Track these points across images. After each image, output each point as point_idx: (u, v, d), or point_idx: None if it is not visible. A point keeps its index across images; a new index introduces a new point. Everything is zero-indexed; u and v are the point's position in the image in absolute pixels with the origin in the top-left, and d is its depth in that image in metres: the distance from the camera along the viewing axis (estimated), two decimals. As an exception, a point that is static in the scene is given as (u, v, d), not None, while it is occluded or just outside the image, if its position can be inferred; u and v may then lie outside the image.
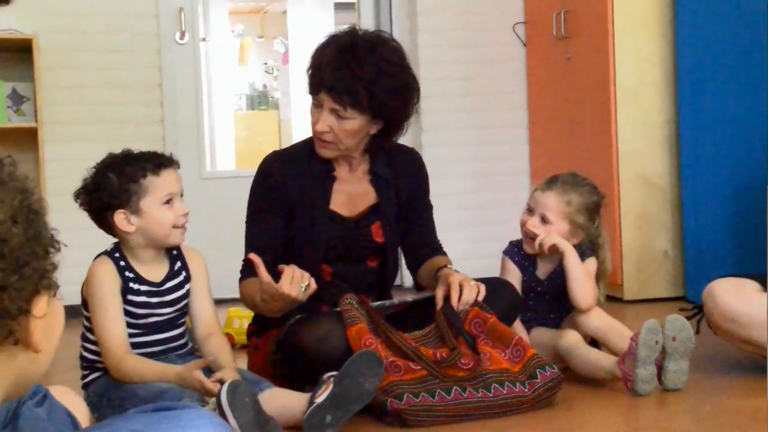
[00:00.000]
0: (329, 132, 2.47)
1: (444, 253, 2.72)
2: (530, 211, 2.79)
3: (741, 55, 3.90)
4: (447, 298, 2.46)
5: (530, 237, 2.76)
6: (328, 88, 2.41)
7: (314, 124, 2.49)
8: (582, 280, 2.69)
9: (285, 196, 2.52)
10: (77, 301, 2.36)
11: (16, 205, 0.88)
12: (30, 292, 0.89)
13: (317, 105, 2.47)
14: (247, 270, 2.47)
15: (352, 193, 2.59)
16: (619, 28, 4.13)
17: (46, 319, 0.92)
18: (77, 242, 4.45)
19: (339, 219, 2.56)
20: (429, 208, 2.75)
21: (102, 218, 2.29)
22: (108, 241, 2.38)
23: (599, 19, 4.19)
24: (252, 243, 2.52)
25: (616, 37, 4.13)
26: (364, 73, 2.39)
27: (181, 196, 2.33)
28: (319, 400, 2.07)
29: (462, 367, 2.32)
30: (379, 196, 2.60)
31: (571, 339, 2.65)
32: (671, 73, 4.16)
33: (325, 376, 2.14)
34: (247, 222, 2.59)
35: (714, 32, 3.95)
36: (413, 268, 2.73)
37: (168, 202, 2.28)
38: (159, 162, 2.29)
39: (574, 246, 2.77)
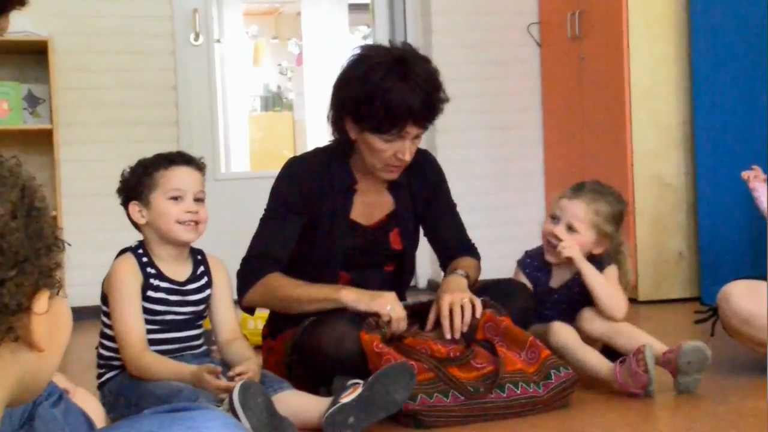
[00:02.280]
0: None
1: (471, 251, 2.71)
2: (555, 218, 2.72)
3: (756, 55, 3.88)
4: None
5: (553, 245, 2.69)
6: (416, 120, 2.41)
7: (401, 154, 2.45)
8: (609, 291, 2.63)
9: (309, 201, 2.53)
10: (95, 302, 2.38)
11: (15, 201, 0.88)
12: (30, 289, 0.89)
13: (401, 137, 2.43)
14: (265, 268, 2.50)
15: (370, 202, 2.60)
16: (634, 28, 4.12)
17: (51, 319, 0.92)
18: (92, 244, 4.50)
19: (358, 228, 2.57)
20: (452, 206, 2.74)
21: (126, 211, 2.37)
22: (123, 242, 2.41)
23: (613, 19, 4.18)
24: (266, 238, 2.53)
25: (631, 37, 4.12)
26: (438, 94, 2.47)
27: (200, 198, 2.34)
28: (346, 400, 2.09)
29: (476, 366, 2.32)
30: (397, 203, 2.61)
31: (566, 337, 2.59)
32: (686, 73, 4.15)
33: (351, 381, 2.16)
34: (264, 219, 2.59)
35: (729, 32, 3.93)
36: (443, 268, 2.72)
37: (176, 198, 2.31)
38: (172, 159, 2.35)
39: (598, 255, 2.73)
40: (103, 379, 2.37)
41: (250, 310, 2.62)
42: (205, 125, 4.85)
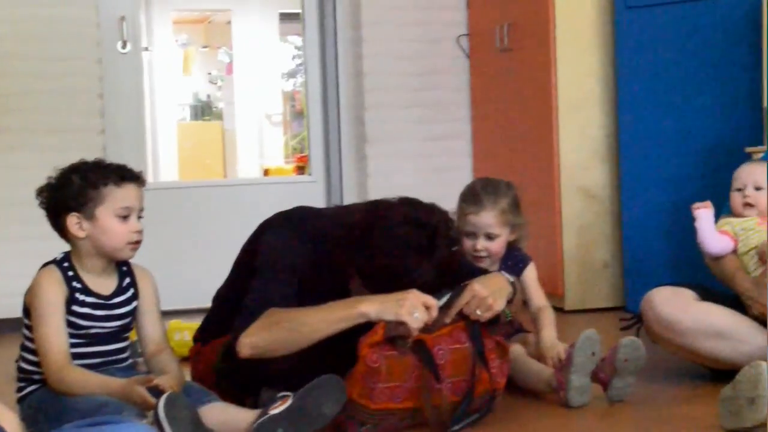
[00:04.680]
0: None
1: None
2: (470, 234, 2.80)
3: (680, 71, 3.97)
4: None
5: (480, 257, 2.78)
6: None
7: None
8: (553, 325, 2.72)
9: (303, 284, 2.36)
10: (16, 314, 2.33)
11: None
12: None
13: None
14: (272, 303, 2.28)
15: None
16: (561, 41, 4.19)
17: None
18: (15, 253, 4.39)
19: None
20: None
21: (57, 219, 2.29)
22: (49, 251, 2.36)
23: (541, 32, 4.24)
24: (269, 293, 2.30)
25: (558, 51, 4.19)
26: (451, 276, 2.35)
27: (140, 216, 2.32)
28: (275, 411, 2.07)
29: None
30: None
31: (515, 351, 2.67)
32: (611, 86, 4.23)
33: (281, 393, 2.13)
34: (268, 275, 2.34)
35: (653, 47, 4.02)
36: None
37: (124, 216, 2.28)
38: (123, 174, 2.30)
39: (514, 243, 2.83)
40: (23, 392, 2.31)
41: (251, 366, 2.28)
42: (133, 134, 4.79)
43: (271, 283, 2.32)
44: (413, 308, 2.16)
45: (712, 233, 2.78)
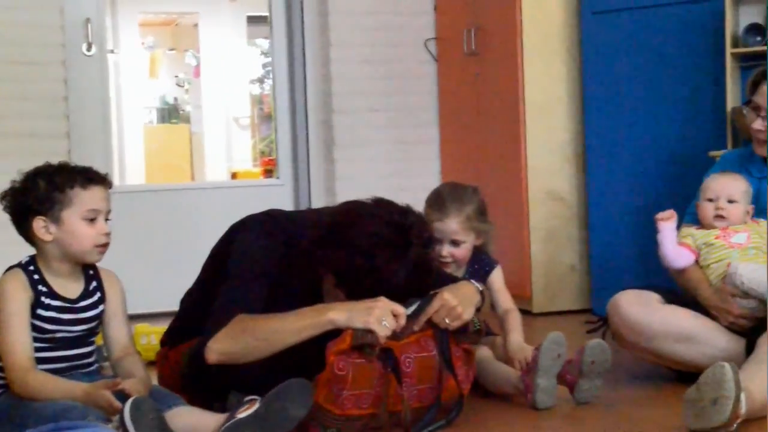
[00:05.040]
0: None
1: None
2: (437, 241, 2.77)
3: (645, 75, 4.01)
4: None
5: (446, 263, 2.78)
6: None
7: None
8: (520, 328, 2.73)
9: (274, 287, 2.35)
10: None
11: None
12: None
13: None
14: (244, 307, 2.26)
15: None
16: (528, 46, 4.21)
17: None
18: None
19: None
20: None
21: (22, 223, 2.27)
22: (13, 254, 2.33)
23: (508, 36, 4.27)
24: (246, 306, 2.27)
25: (525, 55, 4.21)
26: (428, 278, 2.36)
27: (108, 217, 2.31)
28: (242, 415, 2.05)
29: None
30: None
31: (482, 354, 2.68)
32: (578, 91, 4.26)
33: (248, 397, 2.12)
34: (238, 279, 2.32)
35: (619, 52, 4.06)
36: None
37: (91, 219, 2.26)
38: (89, 177, 2.28)
39: (480, 247, 2.84)
40: (-14, 397, 2.29)
41: (219, 371, 2.27)
42: (98, 137, 4.75)
43: (241, 287, 2.31)
44: (382, 316, 2.16)
45: (673, 247, 2.80)
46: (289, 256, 2.36)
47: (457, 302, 2.30)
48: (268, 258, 2.35)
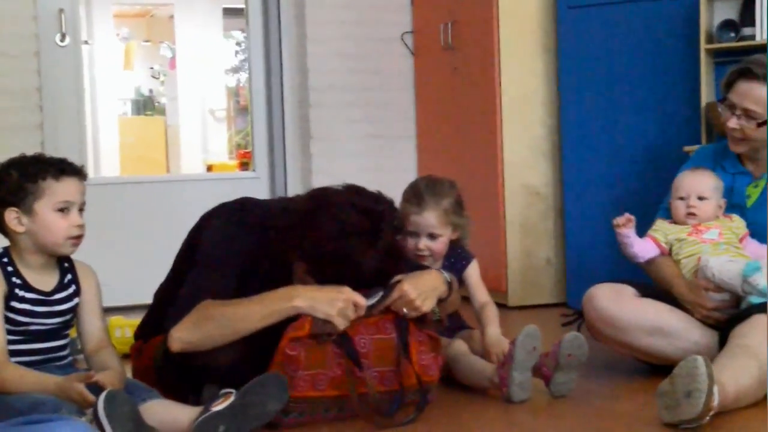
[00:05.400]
0: None
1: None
2: (414, 234, 2.80)
3: (621, 70, 4.03)
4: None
5: (422, 256, 2.79)
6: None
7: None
8: (497, 322, 2.74)
9: (243, 274, 2.35)
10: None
11: None
12: None
13: None
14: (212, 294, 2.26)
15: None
16: (504, 40, 4.22)
17: None
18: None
19: None
20: None
21: None
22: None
23: (485, 30, 4.27)
24: (212, 294, 2.26)
25: (501, 49, 4.22)
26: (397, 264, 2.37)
27: (82, 209, 2.30)
28: (217, 408, 2.05)
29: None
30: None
31: (458, 347, 2.69)
32: (554, 85, 4.27)
33: (224, 390, 2.12)
34: (206, 266, 2.33)
35: (595, 46, 4.07)
36: None
37: (63, 210, 2.25)
38: (62, 168, 2.27)
39: (456, 241, 2.84)
40: (-42, 391, 2.27)
41: (182, 359, 2.26)
42: (72, 129, 4.71)
43: (208, 275, 2.31)
44: (345, 308, 2.19)
45: (636, 243, 2.83)
46: (260, 244, 2.36)
47: (416, 295, 2.32)
48: (238, 244, 2.35)
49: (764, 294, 2.54)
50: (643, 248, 2.84)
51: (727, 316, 2.66)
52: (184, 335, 2.22)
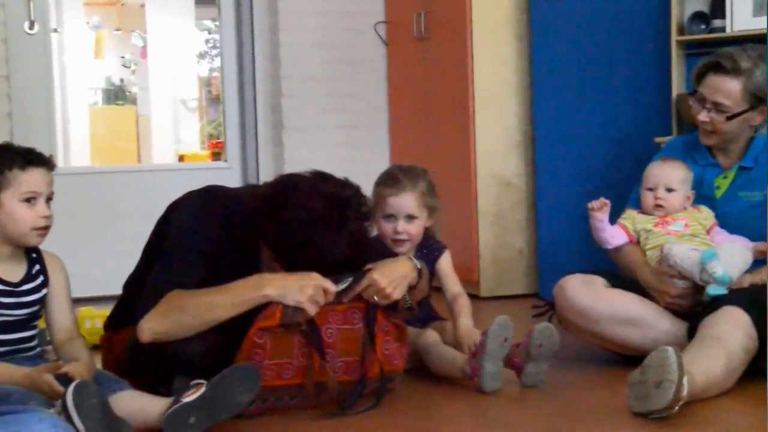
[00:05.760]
0: None
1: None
2: (391, 217, 2.81)
3: (593, 62, 4.04)
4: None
5: (399, 240, 2.80)
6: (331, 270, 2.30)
7: None
8: (468, 309, 2.76)
9: (211, 261, 2.33)
10: None
11: None
12: None
13: None
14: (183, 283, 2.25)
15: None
16: (477, 30, 4.22)
17: None
18: None
19: None
20: None
21: None
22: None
23: (458, 20, 4.27)
24: (179, 283, 2.24)
25: (474, 40, 4.22)
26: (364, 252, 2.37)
27: (50, 199, 2.28)
28: (188, 399, 2.05)
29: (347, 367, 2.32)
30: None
31: (430, 338, 2.69)
32: (527, 76, 4.28)
33: (195, 381, 2.11)
34: (173, 255, 2.31)
35: (567, 38, 4.08)
36: None
37: (30, 200, 2.23)
38: (29, 158, 2.25)
39: (429, 232, 2.86)
40: (-75, 383, 2.24)
41: (152, 350, 2.24)
42: (42, 118, 4.66)
43: (176, 263, 2.30)
44: (314, 295, 2.20)
45: (608, 229, 2.85)
46: (227, 231, 2.35)
47: (386, 283, 2.32)
48: (205, 231, 2.34)
49: (722, 282, 2.56)
50: (613, 235, 2.87)
51: (690, 303, 2.68)
52: (153, 326, 2.20)
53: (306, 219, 2.22)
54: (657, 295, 2.75)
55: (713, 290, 2.57)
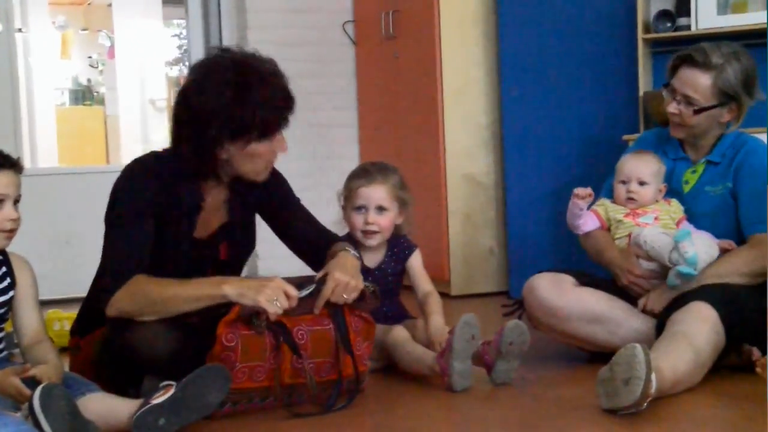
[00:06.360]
0: None
1: (337, 237, 2.68)
2: (361, 207, 2.82)
3: (561, 60, 4.07)
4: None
5: (371, 232, 2.81)
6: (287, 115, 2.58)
7: (280, 149, 2.59)
8: (441, 311, 2.77)
9: (156, 210, 2.39)
10: None
11: None
12: None
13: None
14: (128, 272, 2.30)
15: (206, 216, 2.50)
16: (446, 29, 4.23)
17: None
18: None
19: (193, 240, 2.48)
20: (300, 205, 2.71)
21: None
22: None
23: (426, 19, 4.28)
24: (122, 244, 2.34)
25: (443, 38, 4.23)
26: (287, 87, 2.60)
27: (17, 201, 2.27)
28: (157, 401, 2.04)
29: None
30: (230, 216, 2.54)
31: (398, 335, 2.69)
32: (495, 74, 4.29)
33: (164, 382, 2.11)
34: (113, 226, 2.38)
35: (535, 36, 4.10)
36: (314, 263, 2.62)
37: None
38: None
39: (399, 231, 2.88)
40: None
41: (120, 323, 2.31)
42: (7, 118, 4.62)
43: (124, 233, 2.34)
44: (273, 296, 2.22)
45: (581, 216, 2.89)
46: (160, 180, 2.40)
47: (348, 277, 2.37)
48: (143, 190, 2.38)
49: (692, 264, 2.59)
50: (586, 221, 2.90)
51: (649, 287, 2.73)
52: (121, 305, 2.27)
53: (215, 86, 2.35)
54: (620, 273, 2.78)
55: (683, 269, 2.59)
